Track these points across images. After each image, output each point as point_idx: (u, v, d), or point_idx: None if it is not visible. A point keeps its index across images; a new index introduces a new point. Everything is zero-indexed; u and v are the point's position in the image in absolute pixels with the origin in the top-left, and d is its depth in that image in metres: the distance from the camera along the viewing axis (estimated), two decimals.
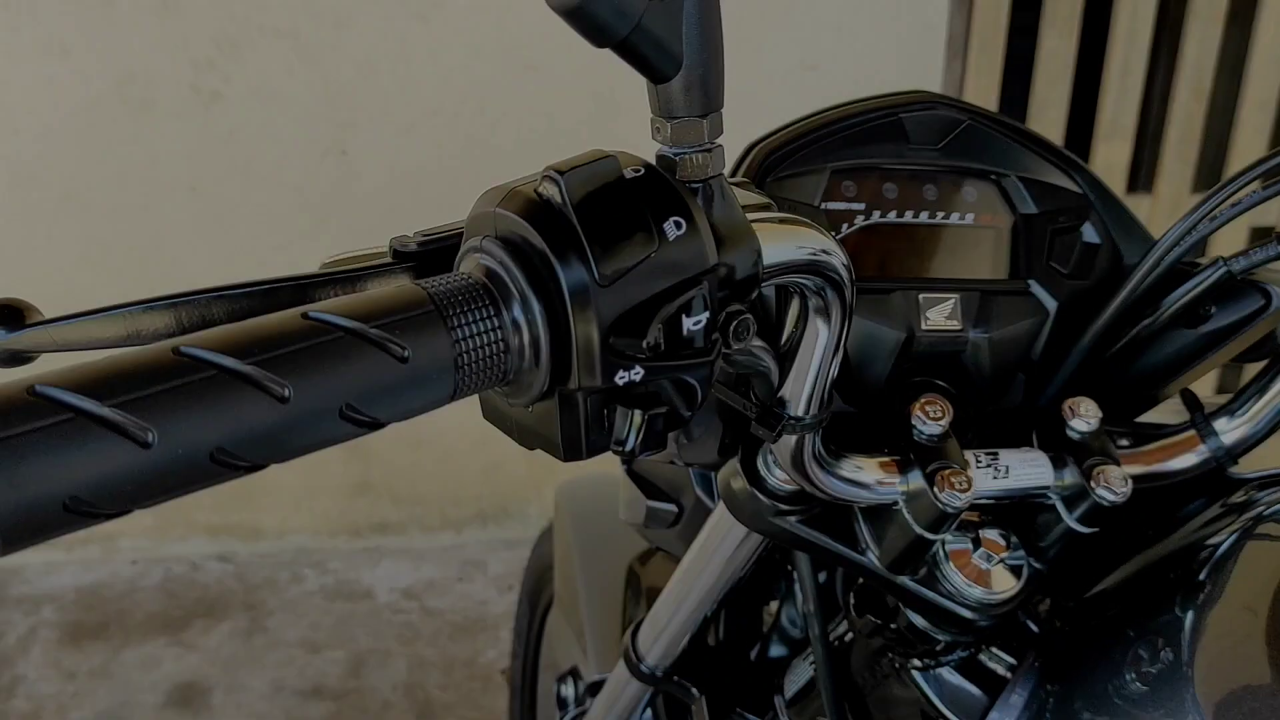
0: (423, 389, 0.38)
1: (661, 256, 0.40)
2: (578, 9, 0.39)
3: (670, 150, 0.43)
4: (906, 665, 0.74)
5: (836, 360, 0.55)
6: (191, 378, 0.33)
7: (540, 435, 0.43)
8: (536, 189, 0.40)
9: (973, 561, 0.68)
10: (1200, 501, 0.73)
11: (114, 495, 0.32)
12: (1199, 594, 0.62)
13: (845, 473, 0.64)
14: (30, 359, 0.45)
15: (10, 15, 2.12)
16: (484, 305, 0.39)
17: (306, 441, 0.36)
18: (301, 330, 0.36)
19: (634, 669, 0.94)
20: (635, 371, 0.41)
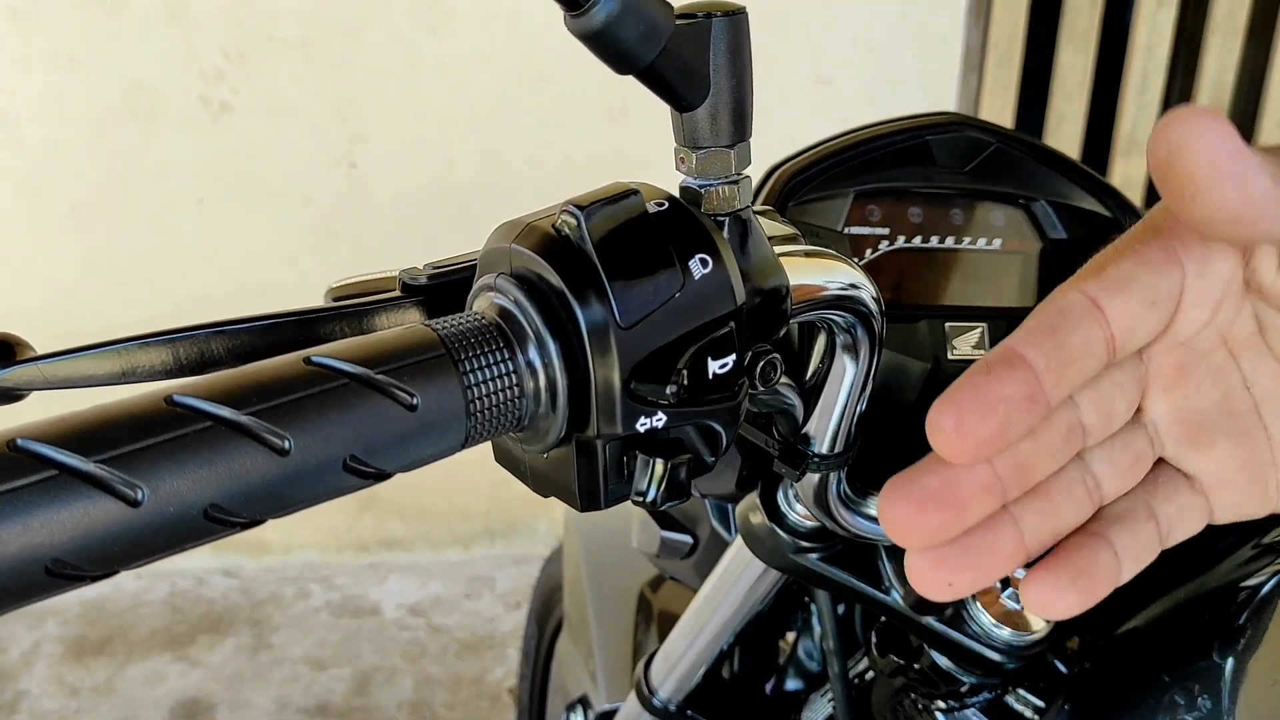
0: (432, 438, 0.36)
1: (687, 296, 0.38)
2: (600, 33, 0.37)
3: (695, 182, 0.41)
4: (930, 707, 0.72)
5: (864, 397, 0.53)
6: (185, 430, 0.31)
7: (556, 483, 0.41)
8: (554, 224, 0.38)
9: (1001, 601, 0.66)
10: (1232, 538, 0.71)
11: (100, 557, 0.30)
12: (1239, 640, 0.59)
13: (871, 511, 0.61)
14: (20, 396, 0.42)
15: (18, 25, 2.11)
16: (498, 348, 0.37)
17: (307, 496, 0.33)
18: (303, 377, 0.33)
19: (646, 702, 0.91)
20: (658, 418, 0.38)
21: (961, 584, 0.39)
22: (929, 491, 0.37)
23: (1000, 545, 0.39)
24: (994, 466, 0.38)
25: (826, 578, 0.67)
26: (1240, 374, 0.41)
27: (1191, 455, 0.42)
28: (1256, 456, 0.41)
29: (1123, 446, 0.41)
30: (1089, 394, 0.40)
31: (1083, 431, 0.40)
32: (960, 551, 0.38)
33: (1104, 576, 0.40)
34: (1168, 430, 0.42)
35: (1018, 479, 0.39)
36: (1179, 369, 0.41)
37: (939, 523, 0.37)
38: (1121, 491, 0.42)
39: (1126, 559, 0.41)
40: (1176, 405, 0.41)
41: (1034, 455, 0.39)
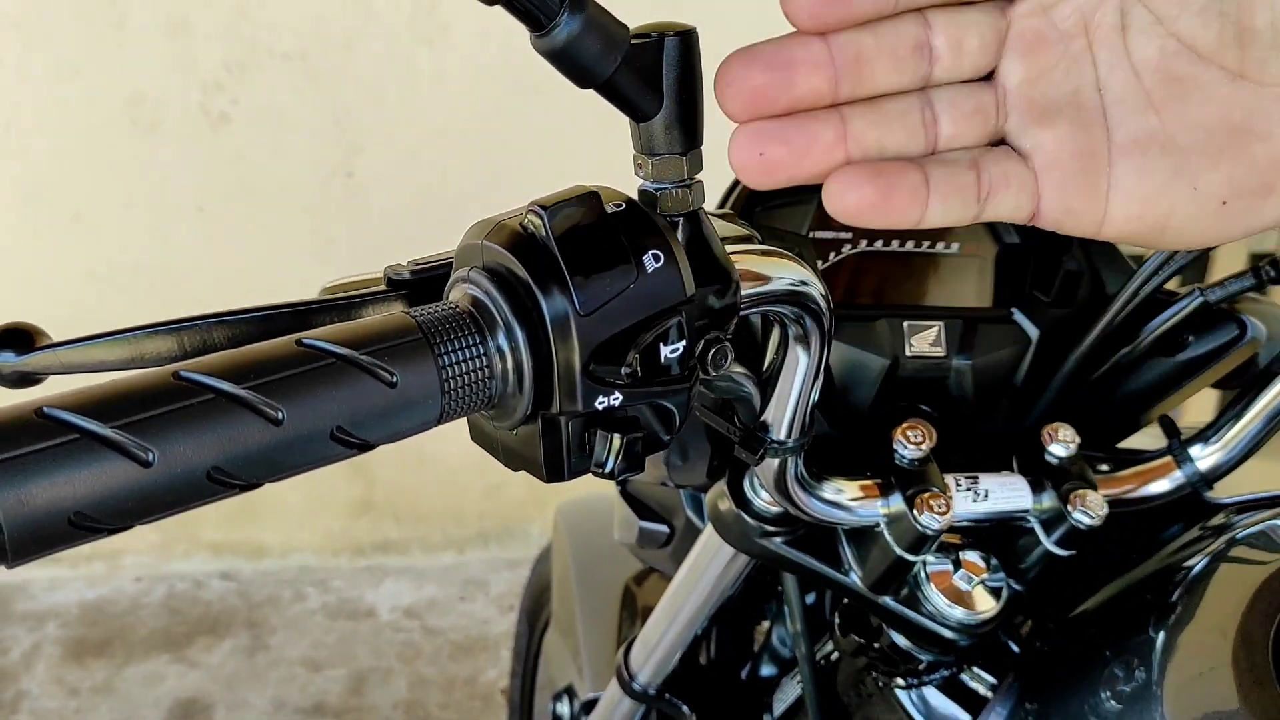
0: (410, 413, 0.40)
1: (640, 288, 0.42)
2: (562, 51, 0.41)
3: (651, 185, 0.45)
4: (890, 684, 0.75)
5: (817, 386, 0.57)
6: (190, 401, 0.35)
7: (524, 457, 0.45)
8: (522, 222, 0.42)
9: (953, 583, 0.70)
10: (1178, 526, 0.75)
11: (116, 511, 0.34)
12: (1171, 615, 0.63)
13: (827, 495, 0.66)
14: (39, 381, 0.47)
15: (22, 36, 2.15)
16: (470, 333, 0.41)
17: (299, 462, 0.38)
18: (295, 356, 0.38)
19: (626, 687, 0.95)
20: (614, 397, 0.43)
21: (774, 157, 0.39)
22: (760, 54, 0.38)
23: (820, 133, 0.39)
24: (830, 48, 0.38)
25: (790, 560, 0.71)
26: (1095, 74, 0.41)
27: (1032, 130, 0.42)
28: (1094, 151, 0.41)
29: (968, 93, 0.42)
30: (944, 19, 0.40)
31: (930, 54, 0.40)
32: (780, 125, 0.39)
33: (906, 191, 0.40)
34: (1015, 100, 0.42)
35: (852, 72, 0.39)
36: (1036, 38, 0.41)
37: (762, 81, 0.38)
38: (957, 141, 0.42)
39: (937, 193, 0.41)
40: (1028, 77, 0.41)
41: (873, 52, 0.39)
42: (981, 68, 0.42)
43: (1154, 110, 0.40)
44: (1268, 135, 0.40)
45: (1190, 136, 0.40)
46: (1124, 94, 0.41)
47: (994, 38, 0.41)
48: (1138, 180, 0.41)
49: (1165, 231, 0.42)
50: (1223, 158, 0.40)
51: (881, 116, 0.40)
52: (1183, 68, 0.40)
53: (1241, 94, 0.39)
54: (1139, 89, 0.40)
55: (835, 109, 0.40)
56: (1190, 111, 0.40)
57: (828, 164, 0.40)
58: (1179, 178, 0.41)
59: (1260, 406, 0.69)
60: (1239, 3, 0.37)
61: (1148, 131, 0.41)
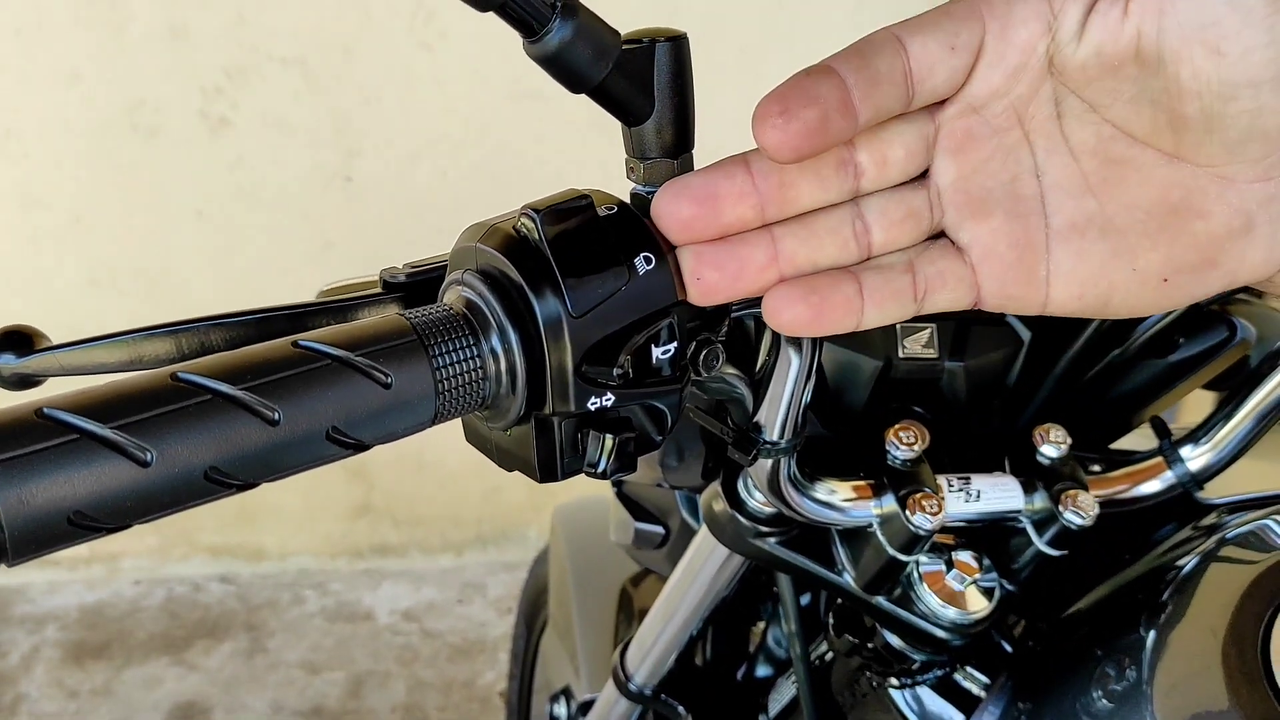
0: (405, 413, 0.40)
1: (632, 290, 0.42)
2: (554, 56, 0.42)
3: (643, 189, 0.46)
4: (884, 684, 0.76)
5: (809, 387, 0.57)
6: (188, 402, 0.36)
7: (518, 457, 0.45)
8: (515, 226, 0.43)
9: (946, 583, 0.70)
10: (1170, 526, 0.76)
11: (115, 510, 0.35)
12: (1162, 614, 0.64)
13: (820, 495, 0.66)
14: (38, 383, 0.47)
15: (23, 42, 2.16)
16: (464, 335, 0.41)
17: (295, 462, 0.38)
18: (291, 358, 0.38)
19: (622, 688, 0.96)
20: (606, 398, 0.43)
21: (710, 281, 0.41)
22: (689, 187, 0.40)
23: (752, 256, 0.41)
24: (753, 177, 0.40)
25: (784, 560, 0.72)
26: (1033, 160, 0.41)
27: (968, 225, 0.42)
28: (1031, 241, 0.42)
29: (898, 200, 0.42)
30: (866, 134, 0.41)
31: (855, 170, 0.41)
32: (714, 250, 0.41)
33: (840, 304, 0.41)
34: (950, 197, 0.42)
35: (777, 197, 0.40)
36: (967, 136, 0.41)
37: (690, 214, 0.40)
38: (891, 246, 0.43)
39: (871, 300, 0.42)
40: (962, 174, 0.42)
41: (796, 175, 0.40)
42: (910, 172, 0.42)
43: (1092, 193, 0.41)
44: (1207, 213, 0.40)
45: (1129, 217, 0.41)
46: (1062, 178, 0.41)
47: (920, 144, 0.42)
48: (1076, 264, 0.42)
49: (1108, 307, 0.42)
50: (1162, 237, 0.41)
51: (811, 234, 0.42)
52: (1120, 150, 0.40)
53: (1179, 174, 0.40)
54: (1077, 172, 0.41)
55: (767, 230, 0.41)
56: (1129, 193, 0.40)
57: (762, 284, 0.41)
58: (1118, 259, 0.41)
59: (1250, 407, 0.70)
60: (1167, 93, 0.38)
61: (1086, 215, 0.41)
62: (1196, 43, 0.36)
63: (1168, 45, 0.37)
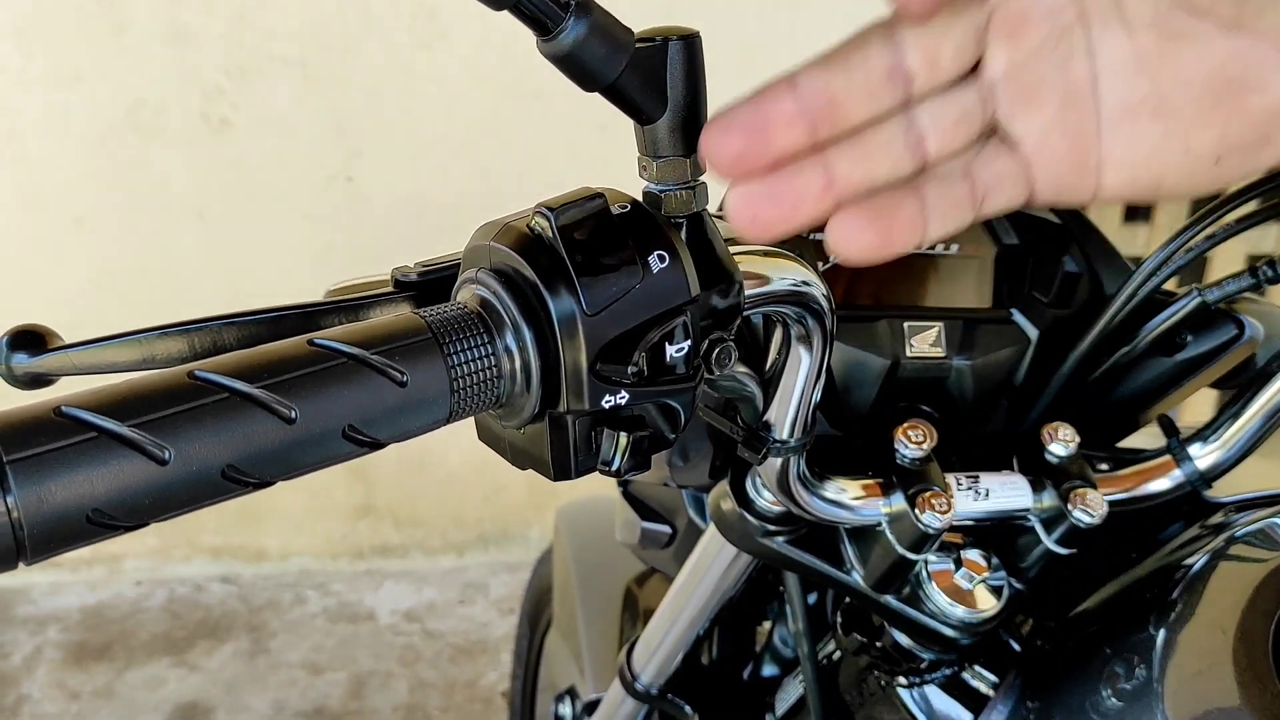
0: (420, 412, 0.40)
1: (645, 288, 0.42)
2: (568, 55, 0.42)
3: (656, 187, 0.46)
4: (892, 683, 0.76)
5: (819, 385, 0.57)
6: (205, 400, 0.36)
7: (532, 456, 0.46)
8: (528, 224, 0.43)
9: (955, 581, 0.71)
10: (1178, 524, 0.76)
11: (133, 509, 0.35)
12: (1172, 613, 0.64)
13: (829, 494, 0.66)
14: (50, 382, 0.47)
15: (24, 43, 2.16)
16: (478, 333, 0.41)
17: (311, 460, 0.38)
18: (307, 356, 0.38)
19: (629, 687, 0.96)
20: (621, 396, 0.43)
21: (767, 217, 0.39)
22: (737, 118, 0.38)
23: (807, 185, 0.39)
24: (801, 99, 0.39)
25: (792, 559, 0.72)
26: (1087, 38, 0.40)
27: (1022, 116, 0.41)
28: (1083, 127, 0.41)
29: (950, 102, 0.41)
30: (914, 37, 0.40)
31: (905, 77, 0.40)
32: (767, 186, 0.39)
33: (905, 222, 0.40)
34: (1002, 88, 0.41)
35: (828, 116, 0.39)
36: (1021, 19, 0.40)
37: (741, 147, 0.38)
38: (946, 151, 0.42)
39: (934, 214, 0.41)
40: (1014, 63, 0.41)
41: (846, 92, 0.39)
42: (962, 68, 0.41)
43: (1146, 72, 0.40)
44: (1263, 86, 0.39)
45: (1183, 95, 0.40)
46: (1116, 57, 0.40)
47: (972, 36, 0.41)
48: (1128, 149, 0.41)
49: (1159, 190, 0.42)
50: (1216, 114, 0.40)
51: (865, 152, 0.40)
52: (1178, 22, 0.39)
53: (1238, 45, 0.39)
54: (1131, 50, 0.40)
55: (819, 155, 0.40)
56: (1185, 68, 0.40)
57: (820, 211, 0.40)
58: (1170, 140, 0.41)
59: (1258, 406, 0.70)
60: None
61: (1138, 96, 0.40)
62: None
63: None
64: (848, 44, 0.40)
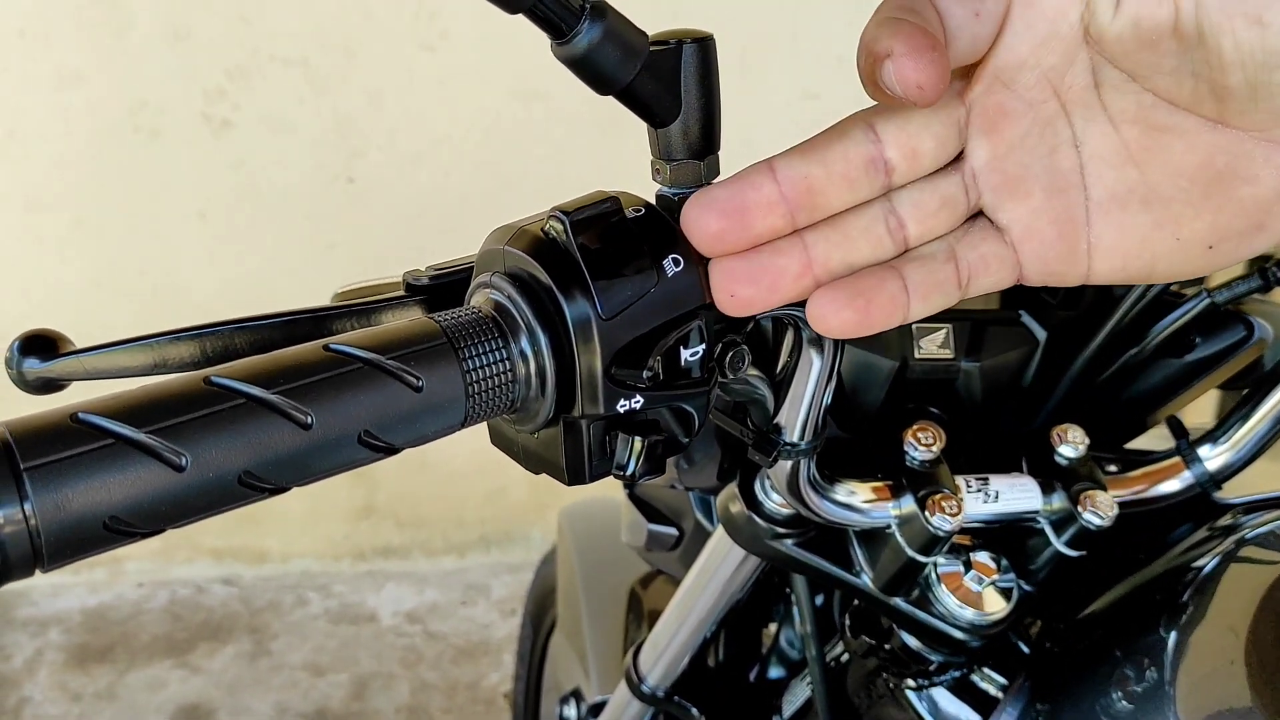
0: (436, 416, 0.40)
1: (660, 292, 0.42)
2: (583, 58, 0.42)
3: (669, 191, 0.46)
4: (901, 685, 0.76)
5: (830, 388, 0.57)
6: (221, 406, 0.36)
7: (546, 460, 0.45)
8: (543, 228, 0.43)
9: (964, 584, 0.70)
10: (1187, 526, 0.75)
11: (150, 515, 0.34)
12: (1182, 615, 0.64)
13: (839, 497, 0.66)
14: (62, 387, 0.47)
15: (26, 44, 2.16)
16: (493, 337, 0.41)
17: (327, 465, 0.38)
18: (323, 361, 0.38)
19: (635, 689, 0.96)
20: (635, 400, 0.43)
21: (744, 296, 0.40)
22: (717, 200, 0.40)
23: (786, 266, 0.40)
24: (780, 186, 0.39)
25: (801, 562, 0.72)
26: (1071, 131, 0.40)
27: (1007, 205, 0.41)
28: (1072, 215, 0.41)
29: (931, 189, 0.41)
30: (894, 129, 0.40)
31: (885, 167, 0.40)
32: (747, 263, 0.40)
33: (886, 302, 0.41)
34: (985, 177, 0.42)
35: (807, 203, 0.40)
36: (1000, 113, 0.40)
37: (720, 227, 0.39)
38: (928, 236, 0.42)
39: (916, 294, 0.41)
40: (997, 153, 0.41)
41: (824, 181, 0.40)
42: (942, 159, 0.41)
43: (1134, 163, 0.40)
44: (1254, 178, 0.39)
45: (1173, 186, 0.40)
46: (1102, 148, 0.40)
47: (952, 129, 0.41)
48: (1119, 236, 0.41)
49: (1152, 276, 0.42)
50: (1207, 205, 0.40)
51: (844, 235, 0.41)
52: (1162, 118, 0.39)
53: (1225, 139, 0.39)
54: (1118, 141, 0.40)
55: (798, 235, 0.40)
56: (1172, 160, 0.39)
57: (798, 292, 0.41)
58: (1161, 229, 0.40)
59: (1268, 407, 0.70)
60: (1209, 65, 0.37)
61: (1127, 185, 0.40)
62: (1238, 15, 0.35)
63: (1207, 19, 0.36)
64: (827, 133, 0.41)
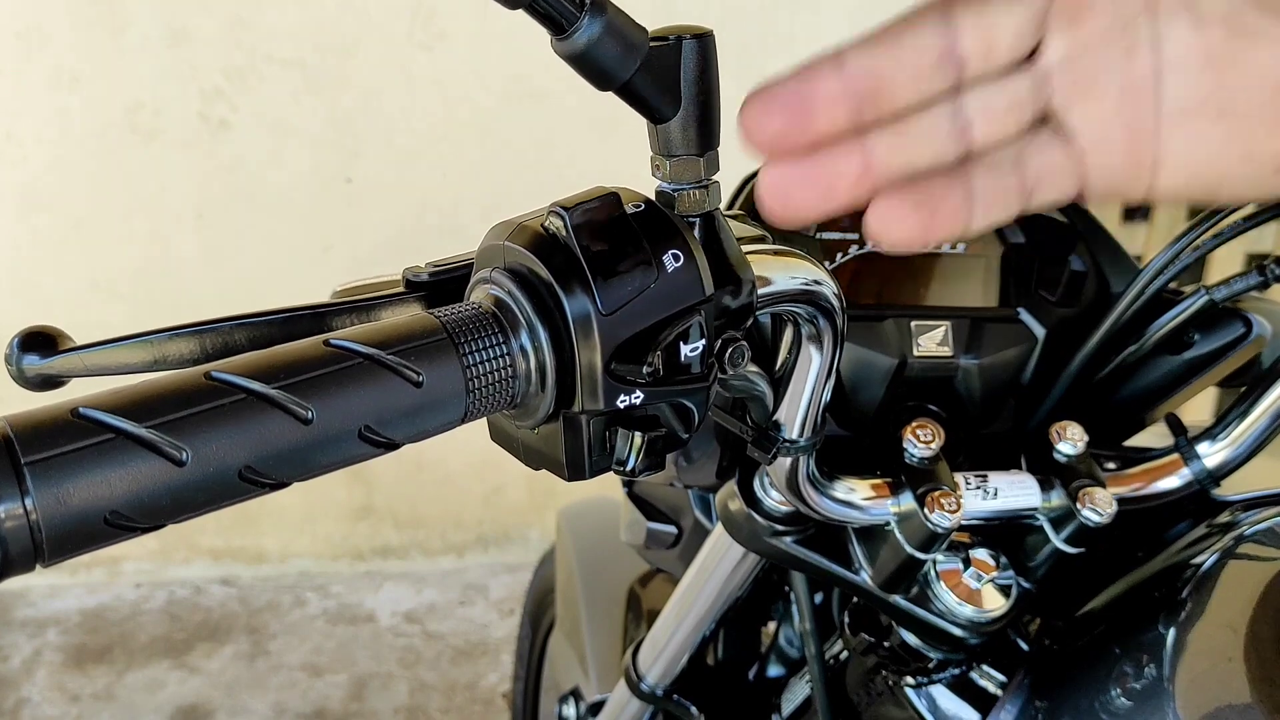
0: (436, 412, 0.40)
1: (660, 287, 0.42)
2: (583, 54, 0.42)
3: (669, 186, 0.46)
4: (900, 683, 0.76)
5: (829, 385, 0.57)
6: (222, 401, 0.36)
7: (546, 456, 0.45)
8: (543, 224, 0.43)
9: (963, 581, 0.70)
10: (1186, 523, 0.76)
11: (151, 510, 0.34)
12: (1181, 612, 0.64)
13: (838, 494, 0.66)
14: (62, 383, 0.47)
15: (23, 45, 2.16)
16: (493, 333, 0.41)
17: (328, 461, 0.38)
18: (323, 356, 0.38)
19: (634, 688, 0.96)
20: (635, 395, 0.43)
21: (798, 201, 0.38)
22: (779, 95, 0.37)
23: (844, 169, 0.38)
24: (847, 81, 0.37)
25: (800, 559, 0.72)
26: (1154, 29, 0.38)
27: (1077, 107, 0.40)
28: (1142, 123, 0.39)
29: (1001, 89, 0.39)
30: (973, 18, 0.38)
31: (958, 62, 0.38)
32: (803, 168, 0.37)
33: (950, 211, 0.39)
34: (1059, 77, 0.39)
35: (873, 98, 0.37)
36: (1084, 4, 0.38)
37: (782, 126, 0.37)
38: (994, 139, 0.40)
39: (980, 204, 0.39)
40: (1074, 50, 0.39)
41: (894, 75, 0.38)
42: (1018, 54, 0.39)
43: (1213, 69, 0.38)
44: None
45: (1250, 98, 0.38)
46: (1182, 51, 0.38)
47: (1031, 21, 0.39)
48: (1188, 149, 0.39)
49: (1217, 193, 0.40)
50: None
51: (906, 137, 0.39)
52: (1251, 20, 0.37)
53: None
54: (1200, 45, 0.38)
55: (858, 138, 0.38)
56: (1254, 69, 0.37)
57: (856, 196, 0.38)
58: (1231, 145, 0.39)
59: (1267, 404, 0.70)
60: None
61: (1202, 95, 0.38)
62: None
63: None
64: (900, 23, 0.38)
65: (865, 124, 0.38)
